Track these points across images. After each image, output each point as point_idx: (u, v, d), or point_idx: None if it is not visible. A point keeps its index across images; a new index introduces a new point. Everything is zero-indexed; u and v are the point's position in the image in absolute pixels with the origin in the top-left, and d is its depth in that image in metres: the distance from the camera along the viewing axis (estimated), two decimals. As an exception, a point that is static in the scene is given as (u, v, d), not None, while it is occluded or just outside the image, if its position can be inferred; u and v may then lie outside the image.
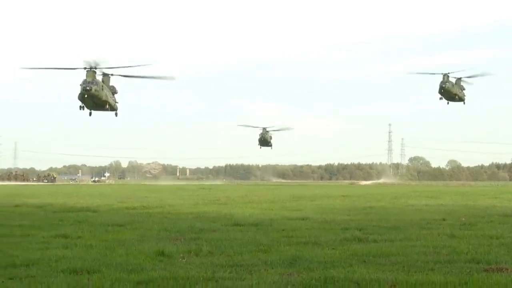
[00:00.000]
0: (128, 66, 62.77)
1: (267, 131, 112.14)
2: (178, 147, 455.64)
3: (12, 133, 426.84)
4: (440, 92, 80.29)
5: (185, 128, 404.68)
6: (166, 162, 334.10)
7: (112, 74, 63.43)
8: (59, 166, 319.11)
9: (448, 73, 79.81)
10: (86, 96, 60.40)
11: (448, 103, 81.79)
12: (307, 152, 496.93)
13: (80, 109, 62.87)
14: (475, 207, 52.46)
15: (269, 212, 45.33)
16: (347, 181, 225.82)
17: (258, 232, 30.06)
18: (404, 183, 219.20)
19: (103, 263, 19.85)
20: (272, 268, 19.20)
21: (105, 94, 61.94)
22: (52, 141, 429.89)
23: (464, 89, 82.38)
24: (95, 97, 61.04)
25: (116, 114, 68.10)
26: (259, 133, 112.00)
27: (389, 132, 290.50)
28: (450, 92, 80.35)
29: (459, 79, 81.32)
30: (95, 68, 60.90)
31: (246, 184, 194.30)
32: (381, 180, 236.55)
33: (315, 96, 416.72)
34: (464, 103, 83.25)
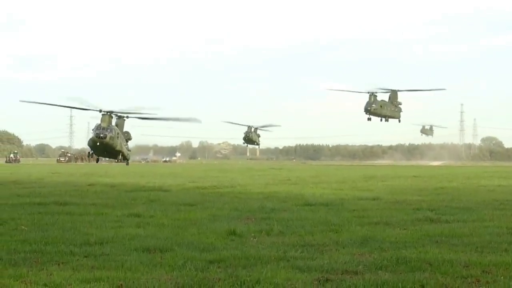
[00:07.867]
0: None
1: (255, 130, 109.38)
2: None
3: (84, 113, 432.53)
4: (366, 113, 69.51)
5: (254, 108, 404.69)
6: (236, 142, 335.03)
7: (127, 117, 55.52)
8: (131, 146, 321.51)
9: (376, 92, 68.80)
10: (98, 144, 52.88)
11: (381, 119, 70.92)
12: (377, 132, 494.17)
13: (89, 156, 57.07)
14: (550, 188, 51.56)
15: (340, 192, 45.26)
16: (417, 162, 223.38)
17: (329, 212, 30.07)
18: (476, 163, 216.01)
19: (175, 242, 20.08)
20: (343, 248, 19.19)
21: (119, 143, 54.49)
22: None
23: (400, 103, 71.82)
24: (108, 146, 53.63)
25: (127, 164, 63.56)
26: (244, 131, 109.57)
27: (461, 112, 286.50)
28: (378, 114, 69.95)
29: (394, 92, 70.78)
30: (112, 113, 53.12)
31: (316, 164, 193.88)
32: (453, 161, 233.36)
33: (385, 76, 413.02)
34: (399, 121, 72.53)
